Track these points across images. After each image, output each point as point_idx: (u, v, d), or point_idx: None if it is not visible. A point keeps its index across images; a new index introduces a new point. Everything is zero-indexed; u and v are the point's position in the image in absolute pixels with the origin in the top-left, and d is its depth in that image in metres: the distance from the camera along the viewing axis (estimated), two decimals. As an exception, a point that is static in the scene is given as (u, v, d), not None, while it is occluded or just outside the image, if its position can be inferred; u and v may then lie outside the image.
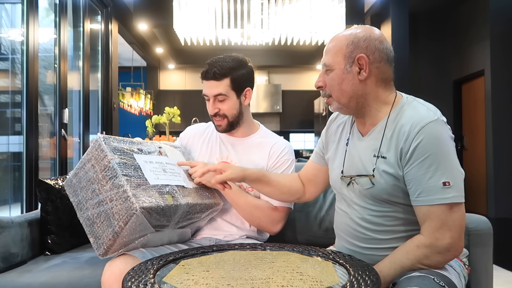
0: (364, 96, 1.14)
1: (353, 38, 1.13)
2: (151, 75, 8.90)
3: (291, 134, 9.29)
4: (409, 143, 1.06)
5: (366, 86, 1.13)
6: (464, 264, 1.20)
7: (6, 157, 3.68)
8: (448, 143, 1.05)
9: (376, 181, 1.11)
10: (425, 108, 1.11)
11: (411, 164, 1.05)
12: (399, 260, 1.07)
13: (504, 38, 5.38)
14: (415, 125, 1.06)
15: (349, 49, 1.12)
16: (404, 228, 1.12)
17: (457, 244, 1.04)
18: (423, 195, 1.04)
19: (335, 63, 1.14)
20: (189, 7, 4.53)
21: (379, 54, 1.12)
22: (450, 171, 1.03)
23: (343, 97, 1.15)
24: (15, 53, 3.75)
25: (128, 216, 1.16)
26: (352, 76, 1.13)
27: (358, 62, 1.12)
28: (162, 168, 1.35)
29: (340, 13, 4.70)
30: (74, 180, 1.29)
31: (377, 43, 1.12)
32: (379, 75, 1.14)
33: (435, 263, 1.05)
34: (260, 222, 1.47)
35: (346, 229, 1.22)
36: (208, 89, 1.49)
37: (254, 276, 0.91)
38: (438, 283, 0.97)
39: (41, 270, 1.52)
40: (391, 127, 1.11)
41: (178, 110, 3.96)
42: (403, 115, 1.11)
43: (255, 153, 1.54)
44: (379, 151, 1.12)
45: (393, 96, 1.16)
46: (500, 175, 5.32)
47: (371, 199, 1.14)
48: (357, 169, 1.17)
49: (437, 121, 1.06)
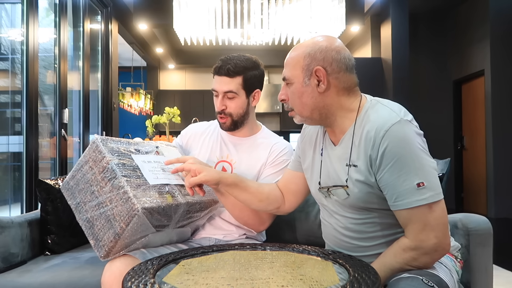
0: (326, 108, 1.13)
1: (310, 50, 1.11)
2: (151, 75, 8.90)
3: (291, 134, 9.29)
4: (376, 149, 1.04)
5: (327, 97, 1.12)
6: (456, 258, 1.20)
7: (6, 157, 3.68)
8: (415, 143, 1.03)
9: (350, 191, 1.10)
10: (387, 110, 1.08)
11: (382, 170, 1.04)
12: (388, 262, 1.07)
13: (504, 38, 5.38)
14: (379, 130, 1.04)
15: (306, 61, 1.11)
16: (387, 232, 1.12)
17: (443, 242, 1.03)
18: (400, 199, 1.03)
19: (294, 76, 1.13)
20: (189, 7, 4.54)
21: (337, 65, 1.10)
22: (422, 171, 1.02)
23: (304, 110, 1.14)
24: (15, 53, 3.76)
25: (129, 217, 1.15)
26: (311, 88, 1.11)
27: (316, 74, 1.10)
28: (160, 168, 1.35)
29: (340, 13, 4.71)
30: (71, 182, 1.28)
31: (333, 53, 1.10)
32: (340, 85, 1.12)
33: (424, 264, 1.05)
34: (248, 220, 1.45)
35: (333, 239, 1.22)
36: (219, 84, 1.48)
37: (254, 276, 0.91)
38: (427, 283, 0.97)
39: (41, 270, 1.52)
40: (358, 133, 1.10)
41: (178, 110, 3.97)
42: (368, 120, 1.09)
43: (256, 153, 1.54)
44: (349, 159, 1.11)
45: (358, 101, 1.14)
46: (500, 175, 5.32)
47: (349, 208, 1.14)
48: (333, 180, 1.16)
49: (400, 122, 1.04)
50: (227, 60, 1.47)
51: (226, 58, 1.48)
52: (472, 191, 5.97)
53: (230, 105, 1.49)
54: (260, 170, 1.52)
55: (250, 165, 1.52)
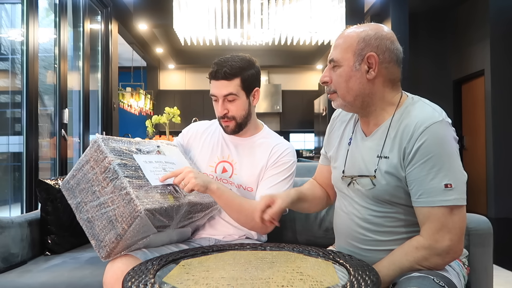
0: (370, 96, 1.13)
1: (365, 35, 1.10)
2: (151, 75, 8.90)
3: (291, 134, 9.30)
4: (412, 143, 1.04)
5: (374, 85, 1.12)
6: (463, 264, 1.20)
7: (6, 157, 3.68)
8: (452, 145, 1.04)
9: (377, 182, 1.10)
10: (430, 108, 1.09)
11: (413, 165, 1.04)
12: (398, 261, 1.06)
13: (504, 38, 5.38)
14: (420, 125, 1.04)
15: (360, 46, 1.10)
16: (405, 229, 1.11)
17: (457, 246, 1.03)
18: (424, 196, 1.03)
19: (344, 59, 1.12)
20: (189, 7, 4.54)
21: (389, 54, 1.10)
22: (453, 173, 1.02)
23: (349, 94, 1.13)
24: (15, 53, 3.75)
25: (132, 219, 1.15)
26: (361, 74, 1.11)
27: (367, 61, 1.10)
28: (162, 168, 1.34)
29: (340, 13, 4.70)
30: (72, 182, 1.27)
31: (388, 42, 1.10)
32: (388, 75, 1.12)
33: (434, 265, 1.04)
34: (255, 224, 1.41)
35: (346, 230, 1.21)
36: (218, 89, 1.45)
37: (254, 276, 0.91)
38: (438, 283, 0.96)
39: (41, 270, 1.52)
40: (395, 127, 1.10)
41: (178, 110, 3.97)
42: (408, 115, 1.09)
43: (257, 153, 1.53)
44: (381, 151, 1.11)
45: (399, 97, 1.15)
46: (500, 175, 5.32)
47: (372, 199, 1.13)
48: (359, 169, 1.15)
49: (442, 122, 1.05)
50: (222, 63, 1.44)
51: (221, 61, 1.45)
52: (472, 191, 5.97)
53: (231, 108, 1.46)
54: (260, 172, 1.50)
55: (251, 166, 1.51)
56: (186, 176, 1.28)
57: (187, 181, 1.27)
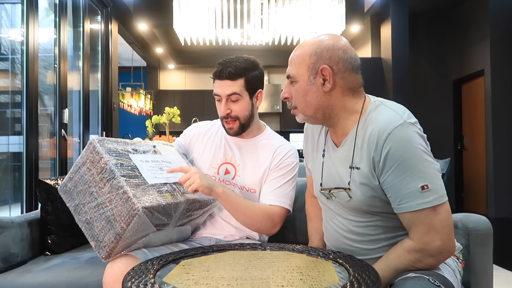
0: (330, 107, 1.12)
1: (316, 48, 1.10)
2: (151, 75, 8.90)
3: (291, 134, 9.29)
4: (379, 151, 1.03)
5: (332, 97, 1.11)
6: (458, 258, 1.20)
7: (6, 157, 3.68)
8: (418, 145, 1.02)
9: (353, 194, 1.10)
10: (390, 112, 1.07)
11: (386, 173, 1.03)
12: (392, 263, 1.07)
13: (504, 38, 5.38)
14: (382, 132, 1.03)
15: (312, 60, 1.10)
16: (390, 235, 1.11)
17: (448, 245, 1.03)
18: (404, 202, 1.02)
19: (299, 74, 1.12)
20: (189, 7, 4.54)
21: (343, 64, 1.09)
22: (426, 174, 1.01)
23: (308, 109, 1.13)
24: (15, 53, 3.75)
25: (130, 217, 1.15)
26: (317, 87, 1.10)
27: (322, 73, 1.09)
28: (158, 167, 1.34)
29: (340, 13, 4.71)
30: (69, 184, 1.27)
31: (340, 52, 1.09)
32: (345, 85, 1.11)
33: (428, 266, 1.04)
34: (261, 226, 1.45)
35: (335, 242, 1.21)
36: (222, 88, 1.45)
37: (254, 276, 0.91)
38: (433, 283, 0.96)
39: (41, 270, 1.52)
40: (360, 135, 1.09)
41: (178, 110, 3.97)
42: (371, 121, 1.08)
43: (259, 155, 1.53)
44: (352, 162, 1.10)
45: (361, 103, 1.13)
46: (500, 175, 5.32)
47: (352, 211, 1.13)
48: (335, 182, 1.15)
49: (404, 124, 1.03)
50: (226, 63, 1.44)
51: (225, 61, 1.45)
52: (472, 191, 5.97)
53: (235, 108, 1.46)
54: (264, 174, 1.51)
55: (254, 168, 1.52)
56: (192, 176, 1.29)
57: (192, 181, 1.28)
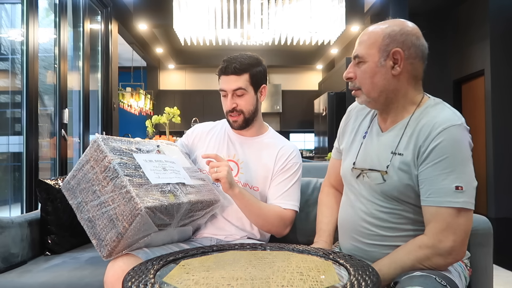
0: (395, 92, 1.12)
1: (390, 31, 1.10)
2: (151, 75, 8.90)
3: (291, 134, 9.30)
4: (428, 142, 1.05)
5: (398, 81, 1.12)
6: (465, 265, 1.20)
7: (6, 157, 3.68)
8: (467, 150, 1.05)
9: (388, 177, 1.10)
10: (450, 111, 1.09)
11: (427, 164, 1.04)
12: (399, 259, 1.07)
13: (504, 38, 5.38)
14: (438, 126, 1.05)
15: (385, 42, 1.10)
16: (411, 227, 1.12)
17: (459, 248, 1.03)
18: (433, 196, 1.03)
19: (369, 55, 1.11)
20: (189, 7, 4.54)
21: (415, 50, 1.10)
22: (465, 177, 1.02)
23: (373, 90, 1.13)
24: (15, 53, 3.75)
25: (132, 217, 1.15)
26: (386, 70, 1.10)
27: (393, 56, 1.09)
28: (162, 167, 1.35)
29: (340, 13, 4.71)
30: (72, 182, 1.28)
31: (413, 38, 1.10)
32: (412, 71, 1.12)
33: (435, 265, 1.04)
34: (273, 227, 1.48)
35: (351, 225, 1.21)
36: (227, 83, 1.50)
37: (254, 276, 0.91)
38: (440, 282, 0.96)
39: (41, 270, 1.52)
40: (412, 125, 1.10)
41: (178, 110, 3.96)
42: (427, 115, 1.10)
43: (263, 154, 1.55)
44: (396, 148, 1.11)
45: (420, 97, 1.15)
46: (500, 175, 5.31)
47: (381, 194, 1.13)
48: (371, 163, 1.16)
49: (461, 126, 1.05)
50: (231, 59, 1.49)
51: (230, 58, 1.50)
52: (472, 191, 5.96)
53: (240, 102, 1.51)
54: (267, 173, 1.52)
55: (257, 165, 1.53)
56: (222, 166, 1.34)
57: (220, 170, 1.33)
